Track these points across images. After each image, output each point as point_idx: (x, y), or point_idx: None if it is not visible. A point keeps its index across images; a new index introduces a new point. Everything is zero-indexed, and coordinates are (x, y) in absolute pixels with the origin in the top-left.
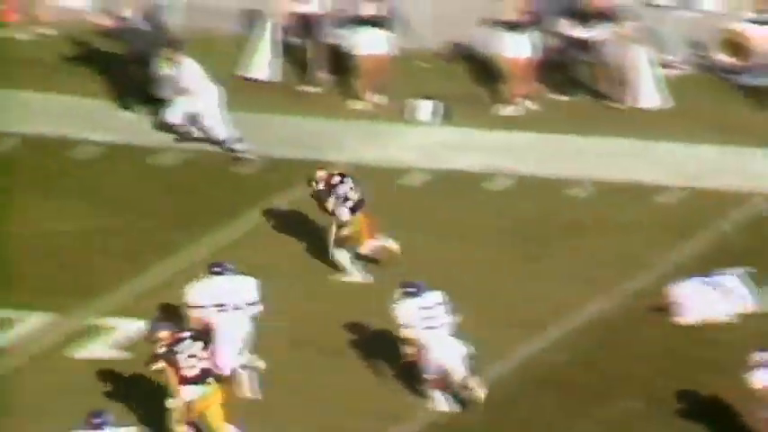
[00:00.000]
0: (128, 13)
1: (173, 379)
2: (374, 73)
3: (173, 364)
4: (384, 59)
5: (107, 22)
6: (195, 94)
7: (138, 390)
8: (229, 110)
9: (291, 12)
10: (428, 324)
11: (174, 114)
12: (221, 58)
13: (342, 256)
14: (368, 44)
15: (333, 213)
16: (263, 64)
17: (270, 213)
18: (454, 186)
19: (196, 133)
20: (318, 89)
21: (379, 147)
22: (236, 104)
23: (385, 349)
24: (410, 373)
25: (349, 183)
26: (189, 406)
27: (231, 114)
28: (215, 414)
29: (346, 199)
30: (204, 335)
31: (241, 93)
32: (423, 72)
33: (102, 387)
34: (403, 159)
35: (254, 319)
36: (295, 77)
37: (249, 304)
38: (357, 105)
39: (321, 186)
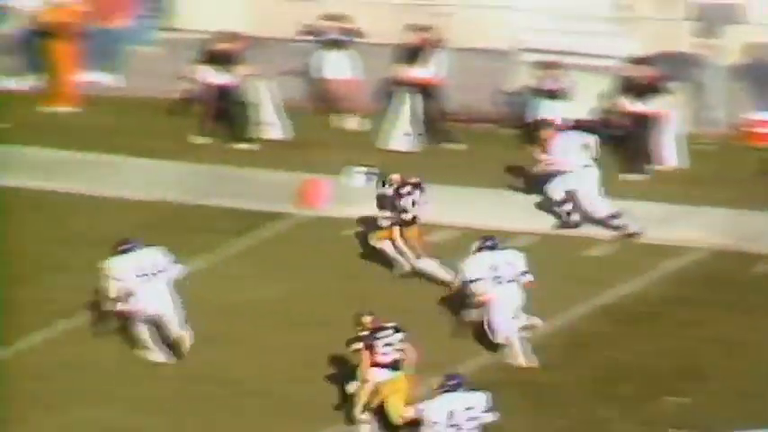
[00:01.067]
0: None
1: (365, 361)
2: None
3: (369, 348)
4: None
5: None
6: (571, 172)
7: None
8: None
9: None
10: None
11: (555, 190)
12: None
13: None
14: None
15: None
16: None
17: None
18: None
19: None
20: None
21: None
22: None
23: None
24: None
25: (416, 196)
26: (377, 388)
27: None
28: (398, 402)
29: (404, 210)
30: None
31: None
32: None
33: None
34: None
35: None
36: None
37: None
38: None
39: (390, 191)
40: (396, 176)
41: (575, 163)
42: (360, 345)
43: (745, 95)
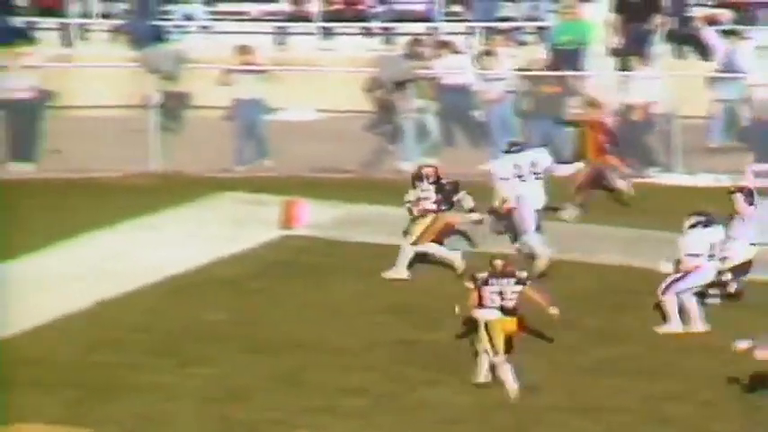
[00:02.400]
0: None
1: (472, 299)
2: None
3: (478, 289)
4: None
5: None
6: None
7: None
8: None
9: None
10: None
11: None
12: None
13: (405, 252)
14: None
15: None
16: None
17: None
18: None
19: None
20: None
21: None
22: None
23: None
24: None
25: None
26: (488, 326)
27: None
28: (499, 341)
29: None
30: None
31: None
32: None
33: None
34: None
35: None
36: None
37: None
38: None
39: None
40: (430, 170)
41: None
42: (471, 284)
43: None
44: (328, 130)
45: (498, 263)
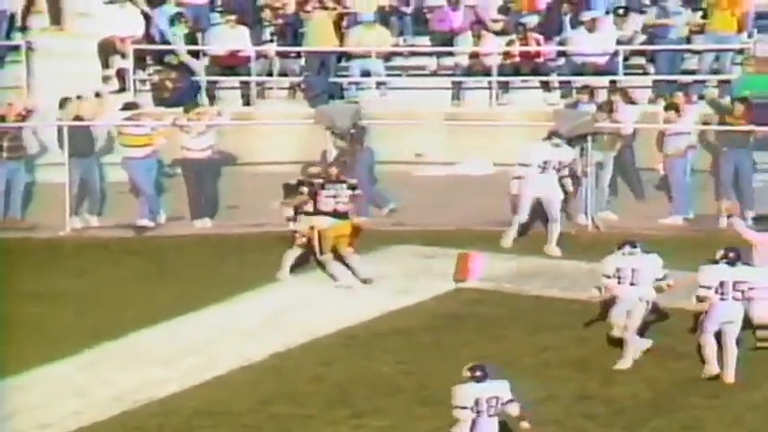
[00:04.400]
0: None
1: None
2: None
3: (313, 196)
4: None
5: None
6: None
7: None
8: None
9: None
10: None
11: None
12: None
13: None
14: None
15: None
16: None
17: None
18: None
19: None
20: None
21: None
22: None
23: None
24: None
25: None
26: (322, 233)
27: None
28: (343, 243)
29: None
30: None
31: None
32: None
33: None
34: None
35: None
36: None
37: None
38: None
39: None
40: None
41: None
42: (305, 190)
43: None
44: (505, 183)
45: (333, 170)
